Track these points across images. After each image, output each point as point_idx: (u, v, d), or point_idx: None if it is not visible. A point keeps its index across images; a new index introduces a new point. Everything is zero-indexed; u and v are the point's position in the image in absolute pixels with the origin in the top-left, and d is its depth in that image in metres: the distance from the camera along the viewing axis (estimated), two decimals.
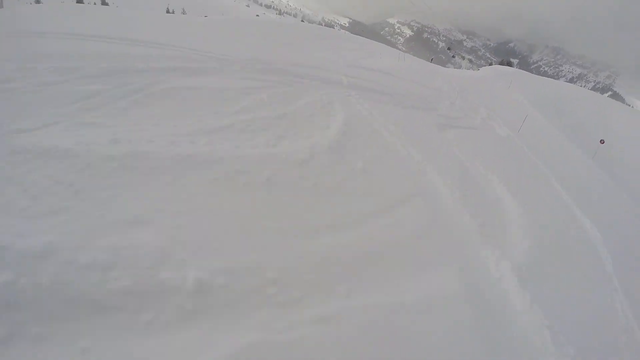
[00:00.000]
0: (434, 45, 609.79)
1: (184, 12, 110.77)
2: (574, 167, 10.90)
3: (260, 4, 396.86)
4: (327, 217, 3.89)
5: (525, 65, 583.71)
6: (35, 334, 2.18)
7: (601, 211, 7.67)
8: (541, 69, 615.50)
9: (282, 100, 6.49)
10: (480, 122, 10.27)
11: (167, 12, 73.95)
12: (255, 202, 3.74)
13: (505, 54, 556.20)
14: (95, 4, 72.13)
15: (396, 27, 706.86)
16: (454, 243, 4.25)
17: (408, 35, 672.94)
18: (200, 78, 6.59)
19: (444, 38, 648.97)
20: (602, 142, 18.52)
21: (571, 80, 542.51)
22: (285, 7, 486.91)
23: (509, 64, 78.35)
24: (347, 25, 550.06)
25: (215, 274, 2.80)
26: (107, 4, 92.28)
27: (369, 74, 12.18)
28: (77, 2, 76.64)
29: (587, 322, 4.17)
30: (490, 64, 65.50)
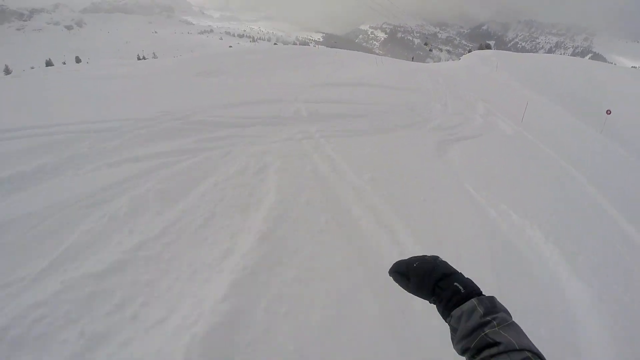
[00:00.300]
0: (409, 43, 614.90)
1: (154, 56, 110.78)
2: (598, 157, 9.26)
3: (233, 35, 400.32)
4: None
5: (502, 44, 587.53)
6: None
7: None
8: (518, 45, 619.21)
9: (162, 198, 3.85)
10: (482, 123, 8.72)
11: (139, 58, 73.38)
12: None
13: (481, 38, 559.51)
14: (64, 63, 71.53)
15: (369, 33, 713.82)
16: None
17: (382, 38, 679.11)
18: (22, 195, 3.73)
19: (418, 34, 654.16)
20: (608, 112, 17.25)
21: (549, 51, 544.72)
22: (258, 33, 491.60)
23: (487, 47, 77.29)
24: (321, 40, 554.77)
25: None
26: (80, 61, 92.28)
27: (340, 92, 10.66)
28: (47, 65, 76.33)
29: None
30: (469, 51, 64.59)
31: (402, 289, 1.11)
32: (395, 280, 1.13)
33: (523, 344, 0.84)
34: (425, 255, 1.13)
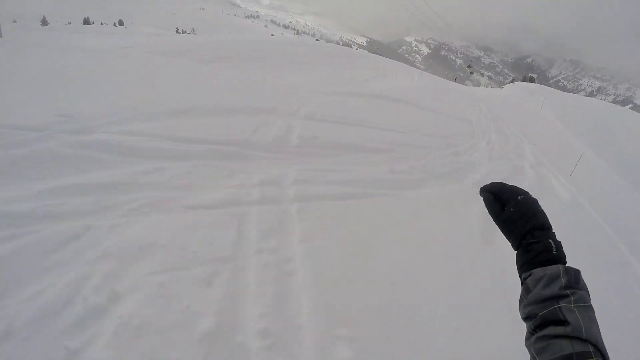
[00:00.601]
0: (452, 62, 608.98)
1: (194, 32, 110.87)
2: None
3: (278, 24, 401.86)
4: None
5: (544, 80, 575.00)
6: None
7: None
8: (560, 83, 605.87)
9: None
10: (534, 178, 7.02)
11: (177, 32, 73.14)
12: None
13: (524, 69, 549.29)
14: (102, 24, 71.38)
15: (414, 45, 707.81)
16: None
17: (426, 53, 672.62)
18: None
19: (462, 55, 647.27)
20: None
21: (591, 94, 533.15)
22: (303, 27, 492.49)
23: (532, 80, 75.00)
24: (364, 44, 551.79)
25: None
26: (122, 24, 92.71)
27: (366, 106, 8.67)
28: (84, 22, 76.56)
29: None
30: (512, 81, 62.53)
31: (488, 213, 1.04)
32: (487, 202, 1.04)
33: (591, 334, 0.78)
34: (530, 193, 1.03)
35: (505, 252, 3.72)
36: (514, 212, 0.97)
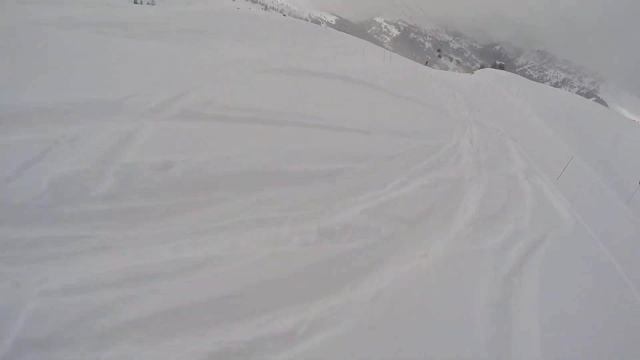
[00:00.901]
0: (420, 46, 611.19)
1: (153, 3, 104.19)
2: None
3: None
4: None
5: (510, 68, 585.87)
6: None
7: None
8: (526, 72, 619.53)
9: None
10: (532, 196, 5.16)
11: (135, 2, 67.91)
12: None
13: (492, 56, 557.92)
14: None
15: (383, 26, 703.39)
16: None
17: (395, 35, 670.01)
18: None
19: (430, 38, 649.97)
20: None
21: (556, 85, 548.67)
22: (272, 2, 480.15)
23: (501, 67, 75.05)
24: (334, 22, 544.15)
25: None
26: None
27: (315, 91, 6.15)
28: None
29: None
30: (482, 66, 62.03)
31: None
32: None
33: None
34: None
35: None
36: None
